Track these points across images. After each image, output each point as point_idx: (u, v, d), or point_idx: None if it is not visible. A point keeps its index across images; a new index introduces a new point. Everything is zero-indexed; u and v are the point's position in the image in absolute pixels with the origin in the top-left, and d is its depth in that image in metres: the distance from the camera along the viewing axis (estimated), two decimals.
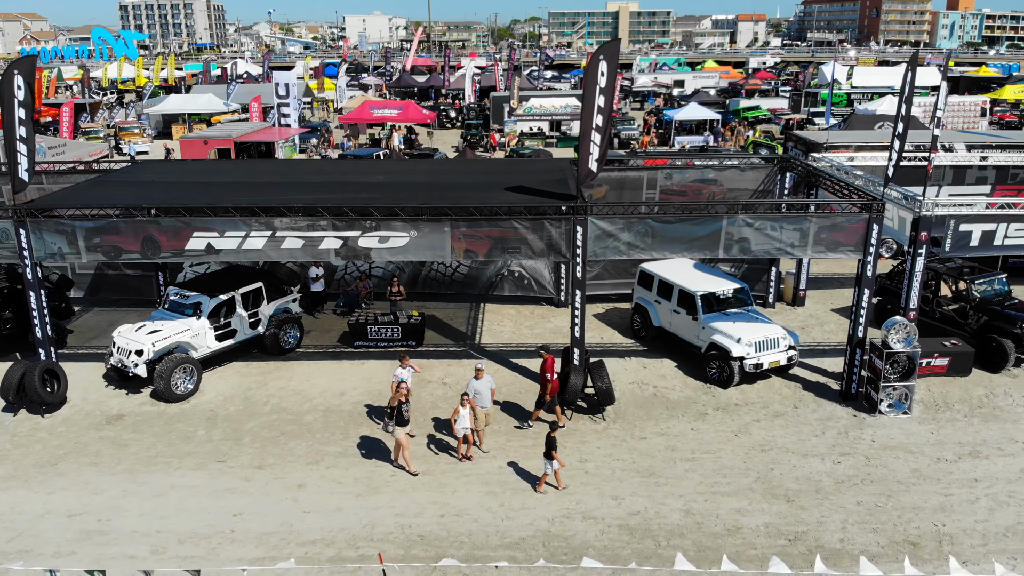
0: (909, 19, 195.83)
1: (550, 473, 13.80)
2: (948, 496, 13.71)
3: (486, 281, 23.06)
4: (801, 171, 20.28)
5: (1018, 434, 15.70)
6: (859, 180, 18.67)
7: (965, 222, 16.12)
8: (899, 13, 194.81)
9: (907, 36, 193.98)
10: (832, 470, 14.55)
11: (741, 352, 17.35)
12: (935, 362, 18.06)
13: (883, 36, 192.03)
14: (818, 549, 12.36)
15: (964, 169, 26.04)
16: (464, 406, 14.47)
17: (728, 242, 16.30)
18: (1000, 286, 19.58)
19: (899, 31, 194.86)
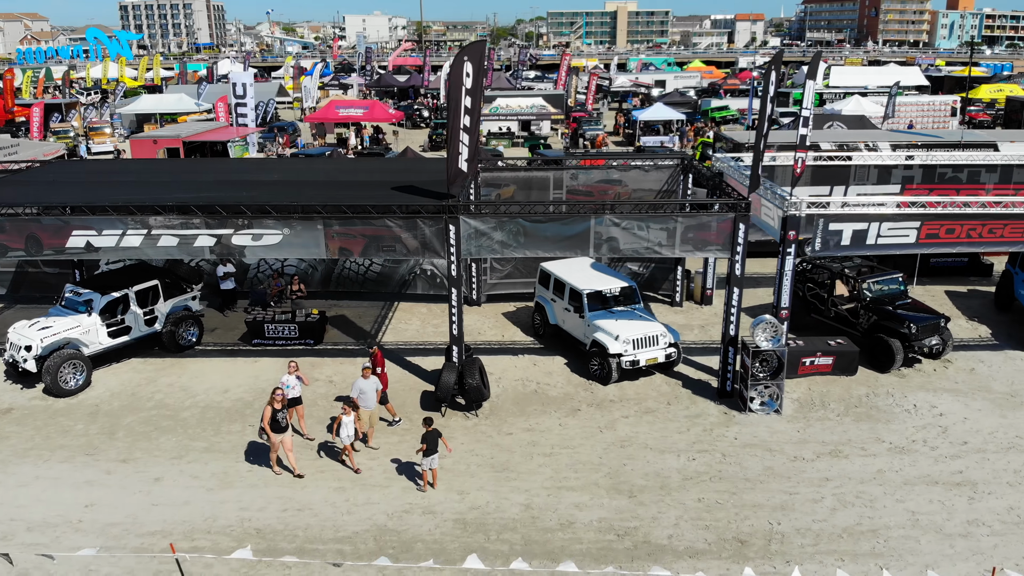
0: (908, 19, 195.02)
1: (428, 470, 13.83)
2: (793, 495, 13.77)
3: (399, 280, 23.21)
4: (694, 172, 20.38)
5: (887, 435, 15.73)
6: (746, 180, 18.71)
7: (835, 221, 16.15)
8: (898, 13, 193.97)
9: (906, 36, 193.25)
10: (684, 467, 14.63)
11: (618, 349, 17.46)
12: (819, 361, 18.11)
13: (882, 36, 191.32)
14: (644, 545, 12.48)
15: (889, 169, 26.11)
16: (347, 414, 14.28)
17: (598, 241, 16.40)
18: (896, 286, 19.61)
19: (898, 31, 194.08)
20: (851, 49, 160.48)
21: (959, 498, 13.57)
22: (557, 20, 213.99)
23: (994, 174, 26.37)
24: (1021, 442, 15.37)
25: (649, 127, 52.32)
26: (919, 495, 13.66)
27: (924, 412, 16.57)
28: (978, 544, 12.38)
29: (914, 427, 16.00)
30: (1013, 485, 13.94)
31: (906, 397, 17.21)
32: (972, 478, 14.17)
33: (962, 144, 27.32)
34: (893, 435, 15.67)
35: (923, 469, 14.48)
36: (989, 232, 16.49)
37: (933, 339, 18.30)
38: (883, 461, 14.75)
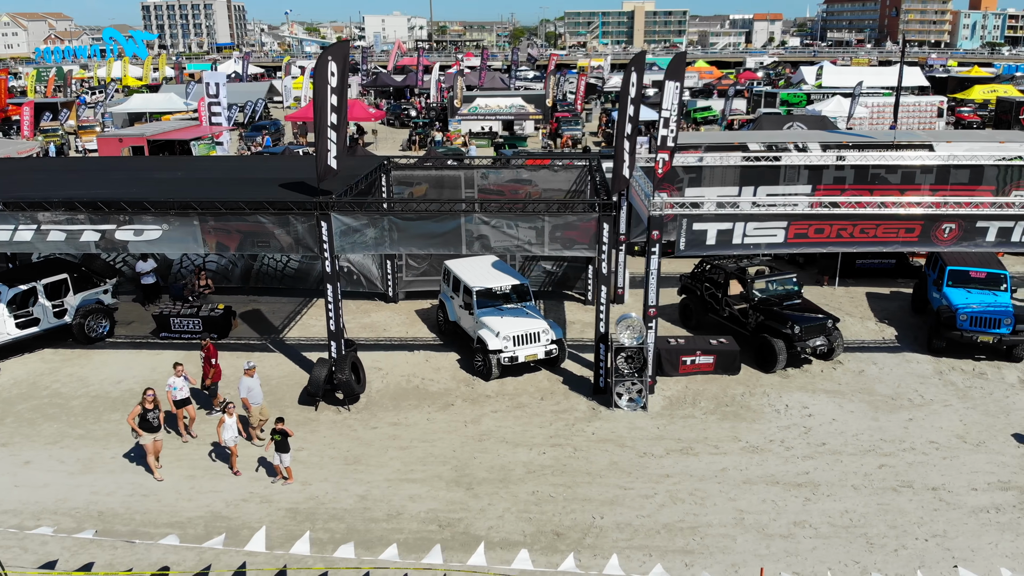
0: (929, 19, 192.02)
1: (279, 465, 14.15)
2: (628, 490, 13.94)
3: (316, 276, 23.61)
4: (600, 173, 20.55)
5: (747, 434, 15.81)
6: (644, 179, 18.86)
7: (699, 221, 16.26)
8: (919, 13, 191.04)
9: (927, 36, 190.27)
10: (531, 460, 14.86)
11: (498, 345, 17.71)
12: (700, 360, 18.22)
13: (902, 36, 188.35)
14: (462, 535, 12.75)
15: (820, 169, 26.05)
16: (230, 415, 14.44)
17: (469, 239, 16.66)
18: (789, 287, 19.65)
19: (919, 31, 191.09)
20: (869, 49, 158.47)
21: (795, 499, 13.64)
22: (574, 20, 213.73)
23: (930, 175, 26.23)
24: (883, 445, 15.36)
25: None
26: (754, 495, 13.75)
27: (793, 412, 16.62)
28: (796, 546, 12.45)
29: (777, 427, 16.06)
30: (857, 488, 13.96)
31: (781, 397, 17.26)
32: (816, 479, 14.22)
33: (895, 145, 27.13)
34: (753, 434, 15.75)
35: (769, 469, 14.56)
36: (861, 232, 16.48)
37: (818, 340, 18.30)
38: (731, 460, 14.85)
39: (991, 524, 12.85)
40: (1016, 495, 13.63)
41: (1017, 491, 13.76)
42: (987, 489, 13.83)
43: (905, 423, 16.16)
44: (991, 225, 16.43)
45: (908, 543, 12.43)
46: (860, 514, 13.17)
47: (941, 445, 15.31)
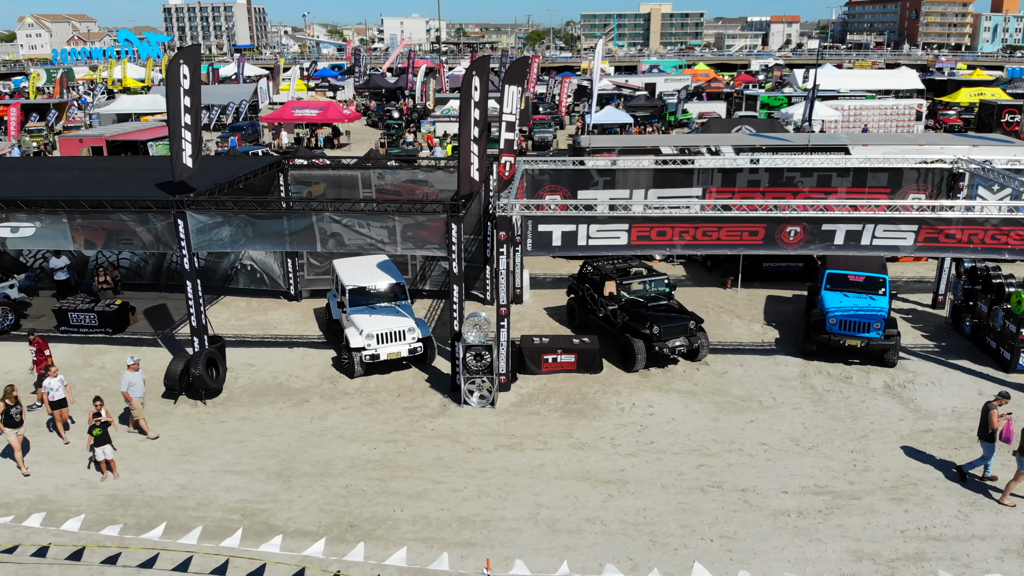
0: (950, 21, 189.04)
1: (103, 457, 14.61)
2: (439, 484, 14.22)
3: (222, 274, 24.16)
4: None
5: (581, 431, 15.95)
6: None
7: (544, 223, 16.49)
8: (939, 15, 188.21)
9: (947, 39, 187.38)
10: (359, 455, 15.19)
11: (360, 343, 18.07)
12: (562, 358, 18.43)
13: (922, 39, 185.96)
14: (260, 525, 13.12)
15: (734, 172, 26.04)
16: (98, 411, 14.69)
17: (323, 237, 17.06)
18: (660, 288, 19.80)
19: (939, 33, 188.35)
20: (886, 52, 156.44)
21: (598, 496, 13.82)
22: (590, 22, 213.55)
23: (847, 178, 26.10)
24: (711, 445, 15.48)
25: (605, 130, 52.42)
26: (560, 490, 13.96)
27: (636, 411, 16.78)
28: (578, 541, 12.62)
29: (614, 425, 16.24)
30: (666, 487, 14.10)
31: (631, 396, 17.41)
32: (628, 477, 14.39)
33: (809, 148, 27.06)
34: (586, 431, 15.95)
35: (587, 465, 14.75)
36: (703, 235, 16.60)
37: (678, 340, 18.42)
38: (553, 456, 15.06)
39: (786, 528, 12.92)
40: (826, 500, 13.69)
41: (829, 496, 13.81)
42: (798, 493, 13.89)
43: (744, 424, 16.25)
44: (838, 228, 16.46)
45: (692, 542, 12.57)
46: (656, 512, 13.33)
47: (771, 447, 15.38)
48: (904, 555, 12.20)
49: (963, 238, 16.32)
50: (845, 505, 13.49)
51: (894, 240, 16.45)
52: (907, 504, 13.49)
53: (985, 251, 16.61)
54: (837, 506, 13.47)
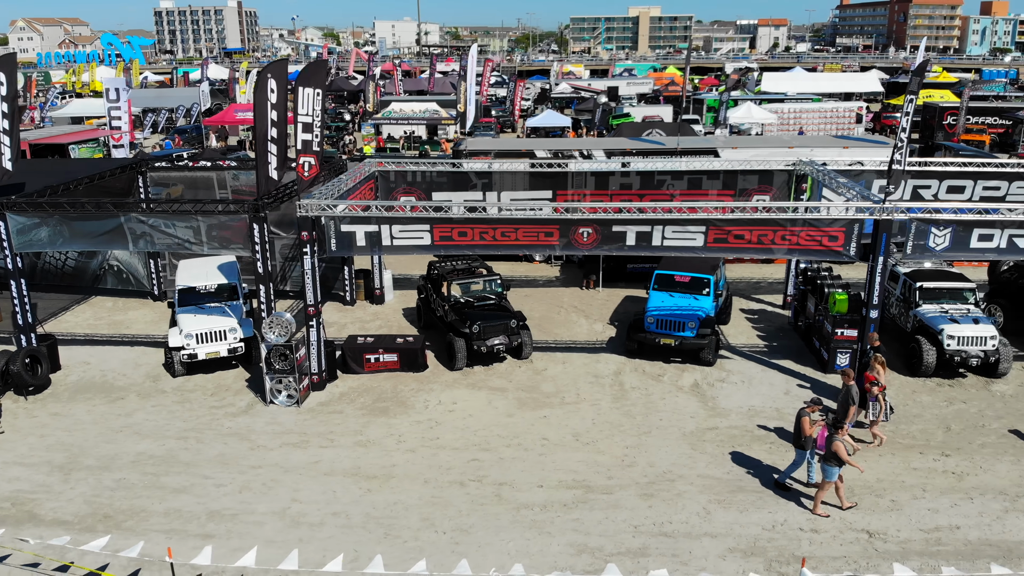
0: (938, 24, 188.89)
1: None
2: (207, 479, 14.53)
3: (91, 274, 24.57)
4: None
5: (374, 429, 16.16)
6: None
7: (347, 223, 16.82)
8: (927, 18, 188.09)
9: (936, 42, 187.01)
10: (148, 451, 15.51)
11: (178, 343, 18.43)
12: (384, 357, 18.77)
13: (910, 42, 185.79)
14: (24, 514, 13.50)
15: (607, 175, 26.32)
16: None
17: (134, 237, 17.46)
18: (492, 287, 20.13)
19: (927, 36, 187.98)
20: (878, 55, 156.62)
21: (357, 490, 14.09)
22: (579, 26, 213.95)
23: (717, 180, 26.36)
24: (494, 441, 15.74)
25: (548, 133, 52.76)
26: (322, 485, 14.27)
27: (439, 408, 17.09)
28: (315, 534, 12.82)
29: (410, 422, 16.56)
30: (428, 481, 14.36)
31: (441, 394, 17.74)
32: (396, 472, 14.69)
33: (679, 151, 27.34)
34: (379, 429, 16.27)
35: (362, 461, 15.05)
36: (502, 235, 16.91)
37: (497, 339, 18.74)
38: (332, 453, 15.38)
39: (523, 521, 13.19)
40: (577, 494, 13.96)
41: (582, 490, 14.09)
42: (553, 487, 14.18)
43: (536, 420, 16.56)
44: (628, 229, 16.76)
45: (424, 535, 12.87)
46: (405, 506, 13.64)
47: (550, 442, 15.68)
48: (626, 550, 12.47)
49: (752, 238, 16.61)
50: (593, 500, 13.78)
51: (685, 241, 16.74)
52: (654, 500, 13.77)
53: (777, 251, 16.91)
54: (585, 500, 13.76)
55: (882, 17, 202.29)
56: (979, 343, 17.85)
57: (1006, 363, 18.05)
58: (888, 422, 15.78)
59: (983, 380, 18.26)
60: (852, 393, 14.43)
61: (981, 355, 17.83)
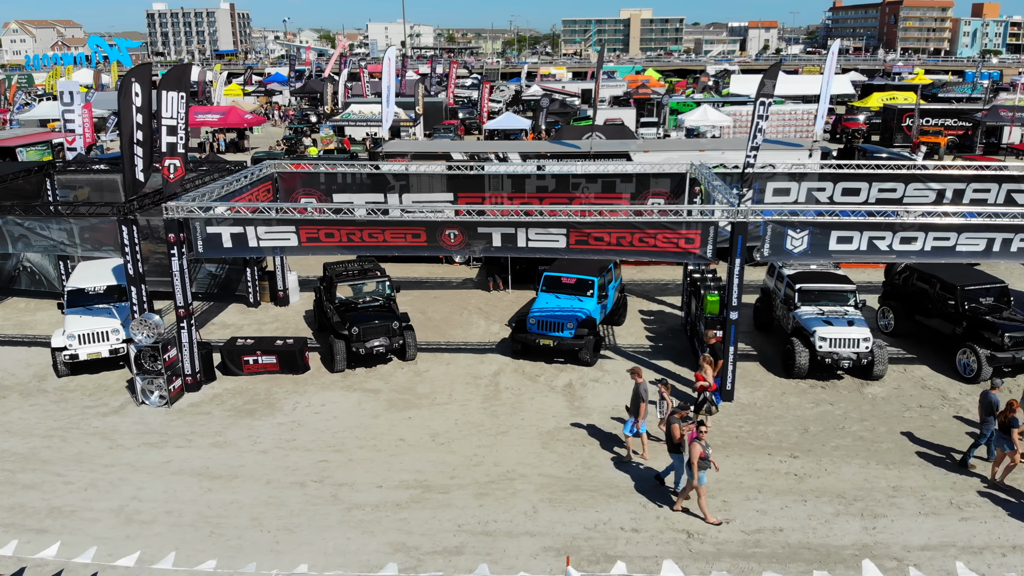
0: (928, 26, 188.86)
1: None
2: (59, 477, 14.69)
3: (7, 275, 24.76)
4: None
5: (234, 431, 16.30)
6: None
7: (213, 225, 16.97)
8: (917, 20, 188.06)
9: (927, 44, 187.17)
10: (10, 448, 15.69)
11: (60, 343, 18.60)
12: (263, 359, 18.91)
13: (901, 44, 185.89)
14: None
15: (523, 178, 26.44)
16: None
17: (12, 239, 17.66)
18: (381, 289, 20.28)
19: (918, 39, 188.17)
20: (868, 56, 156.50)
21: (198, 490, 14.18)
22: (571, 28, 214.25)
23: (630, 183, 26.47)
24: (349, 442, 15.80)
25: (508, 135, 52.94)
26: (166, 484, 14.40)
27: (305, 410, 17.23)
28: (145, 531, 12.96)
29: (272, 423, 16.70)
30: (271, 482, 14.42)
31: (313, 395, 17.88)
32: (242, 473, 14.78)
33: (592, 155, 27.46)
34: (240, 430, 16.40)
35: (212, 462, 15.18)
36: (370, 236, 17.04)
37: (376, 341, 18.87)
38: (187, 453, 15.53)
39: (351, 521, 13.28)
40: (414, 494, 14.07)
41: (420, 490, 14.19)
42: (393, 487, 14.30)
43: (400, 421, 16.69)
44: (493, 231, 16.90)
45: (249, 534, 13.00)
46: (240, 506, 13.77)
47: (406, 443, 15.82)
48: (442, 548, 12.60)
49: (612, 240, 16.74)
50: (427, 499, 13.91)
51: (548, 243, 16.88)
52: (487, 499, 13.89)
53: (637, 253, 17.04)
54: (419, 500, 13.89)
55: (874, 19, 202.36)
56: (851, 345, 17.94)
57: (880, 365, 18.13)
58: (711, 416, 15.81)
59: (858, 382, 18.36)
60: (641, 391, 14.53)
61: (853, 357, 17.93)
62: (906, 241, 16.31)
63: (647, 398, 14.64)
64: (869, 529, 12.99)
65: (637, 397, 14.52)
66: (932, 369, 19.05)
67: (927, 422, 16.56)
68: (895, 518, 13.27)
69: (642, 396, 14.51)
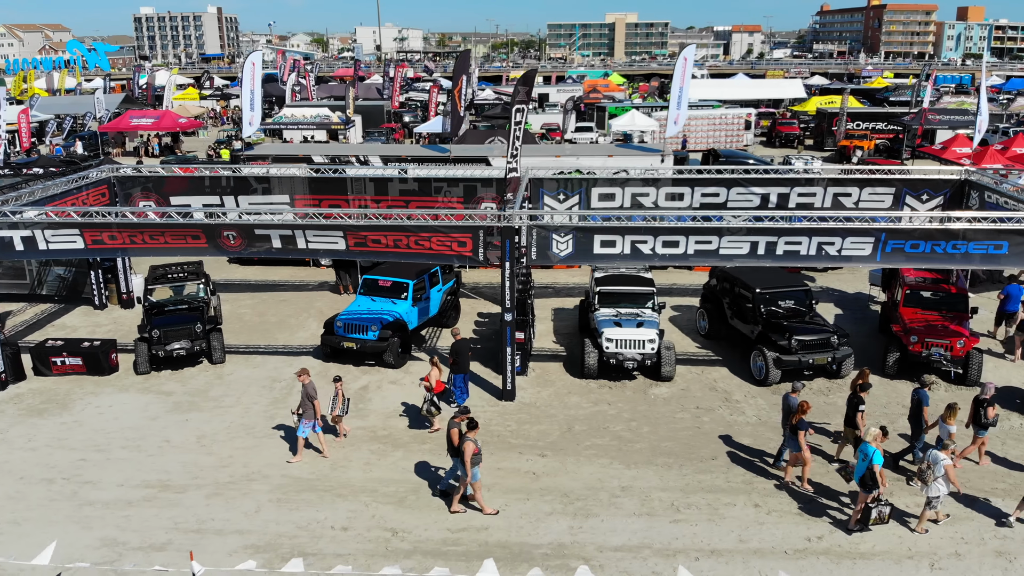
0: (912, 30, 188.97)
1: None
2: None
3: None
4: None
5: (17, 429, 16.61)
6: None
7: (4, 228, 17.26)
8: (901, 24, 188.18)
9: (911, 48, 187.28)
10: None
11: None
12: (70, 360, 19.17)
13: (885, 48, 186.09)
14: None
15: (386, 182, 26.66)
16: None
17: None
18: (195, 292, 20.53)
19: (902, 42, 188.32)
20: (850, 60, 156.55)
21: None
22: (556, 32, 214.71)
23: (491, 187, 26.72)
24: (116, 442, 15.91)
25: (444, 139, 53.19)
26: None
27: (94, 411, 17.46)
28: None
29: (55, 423, 16.94)
30: (24, 479, 14.73)
31: (109, 396, 18.14)
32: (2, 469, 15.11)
33: (452, 159, 27.71)
34: (22, 429, 16.63)
35: None
36: (151, 239, 17.28)
37: (178, 343, 19.10)
38: None
39: (75, 516, 13.50)
40: (150, 493, 14.25)
41: (157, 489, 14.38)
42: (135, 486, 14.46)
43: (175, 423, 16.90)
44: (271, 233, 17.13)
45: None
46: None
47: (169, 444, 16.04)
48: (150, 544, 12.84)
49: (388, 243, 17.00)
50: (161, 498, 14.14)
51: (328, 244, 17.14)
52: (217, 499, 14.10)
53: (415, 255, 17.27)
54: (152, 498, 14.13)
55: (859, 23, 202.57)
56: (636, 346, 18.15)
57: (668, 366, 18.35)
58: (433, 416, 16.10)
59: (649, 383, 18.58)
60: (309, 391, 14.84)
61: (638, 358, 18.14)
62: (669, 245, 16.52)
63: (313, 397, 14.91)
64: (575, 529, 13.19)
65: (307, 398, 14.80)
66: (730, 371, 19.26)
67: (695, 424, 16.76)
68: (607, 518, 13.47)
69: (310, 395, 14.81)
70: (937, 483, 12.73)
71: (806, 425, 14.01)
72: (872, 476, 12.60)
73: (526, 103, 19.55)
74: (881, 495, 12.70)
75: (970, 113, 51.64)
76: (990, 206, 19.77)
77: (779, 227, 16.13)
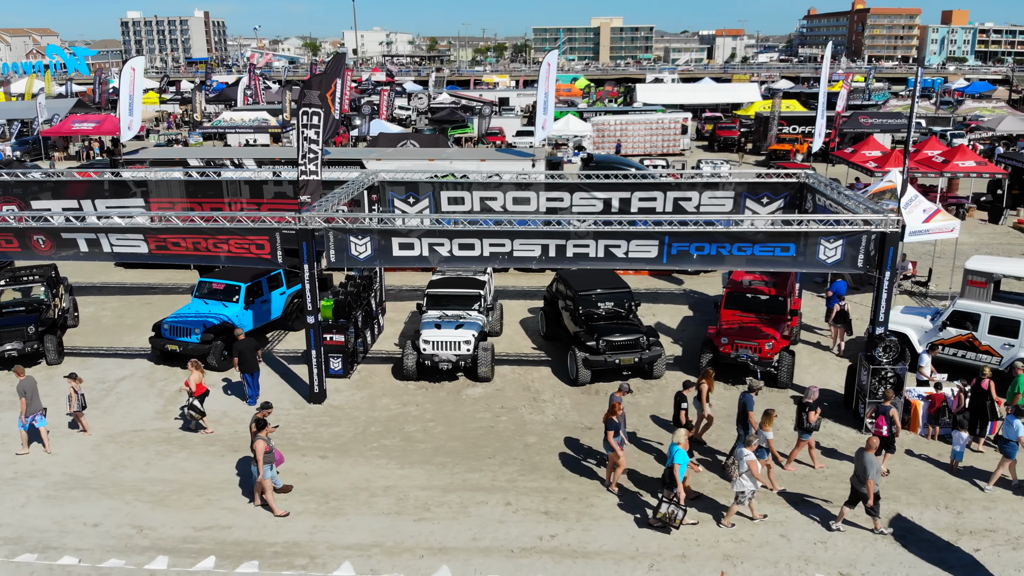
0: (896, 34, 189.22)
1: None
2: None
3: None
4: None
5: None
6: None
7: None
8: (885, 28, 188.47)
9: (894, 51, 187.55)
10: None
11: None
12: None
13: (868, 52, 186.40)
14: None
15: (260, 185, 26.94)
16: None
17: None
18: (40, 294, 20.82)
19: (886, 46, 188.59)
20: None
21: None
22: (541, 36, 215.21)
23: None
24: None
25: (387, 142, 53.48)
26: None
27: None
28: None
29: None
30: None
31: None
32: None
33: (326, 161, 27.89)
34: None
35: None
36: None
37: (9, 344, 19.36)
38: None
39: None
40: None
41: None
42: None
43: None
44: (77, 237, 17.40)
45: None
46: None
47: None
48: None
49: (188, 246, 17.34)
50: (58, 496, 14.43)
51: (129, 248, 17.43)
52: (3, 492, 14.38)
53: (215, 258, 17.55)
54: (49, 496, 14.40)
55: (844, 27, 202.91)
56: (451, 347, 18.39)
57: (484, 367, 18.58)
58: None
59: (466, 383, 18.81)
60: (22, 387, 15.43)
61: (453, 359, 18.38)
62: (465, 247, 16.76)
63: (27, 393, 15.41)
64: (316, 528, 13.41)
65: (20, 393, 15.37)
66: (552, 371, 19.48)
67: (491, 423, 16.98)
68: (353, 517, 13.68)
69: (23, 391, 15.40)
70: (742, 479, 12.86)
71: (615, 425, 14.05)
72: (671, 475, 12.75)
73: (312, 106, 19.47)
74: (678, 496, 12.81)
75: (903, 116, 51.99)
76: (820, 209, 20.00)
77: (566, 231, 16.36)
